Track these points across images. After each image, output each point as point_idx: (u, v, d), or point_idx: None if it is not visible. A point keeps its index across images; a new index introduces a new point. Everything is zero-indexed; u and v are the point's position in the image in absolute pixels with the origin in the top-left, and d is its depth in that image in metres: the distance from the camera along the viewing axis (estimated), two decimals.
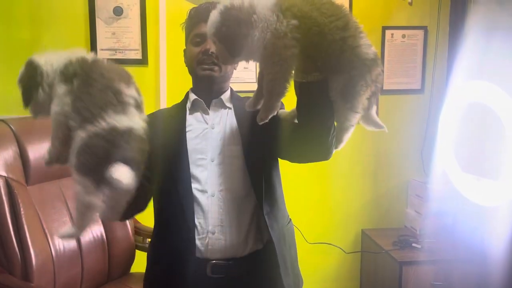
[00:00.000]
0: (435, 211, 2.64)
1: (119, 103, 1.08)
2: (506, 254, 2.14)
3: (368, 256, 2.77)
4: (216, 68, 1.44)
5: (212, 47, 1.40)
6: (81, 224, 1.12)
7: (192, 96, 1.51)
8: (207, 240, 1.40)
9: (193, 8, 1.51)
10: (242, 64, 1.29)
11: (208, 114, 1.50)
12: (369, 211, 2.88)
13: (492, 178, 2.15)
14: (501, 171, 2.08)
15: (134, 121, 1.09)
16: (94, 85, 1.08)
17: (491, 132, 2.15)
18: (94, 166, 1.04)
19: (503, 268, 2.15)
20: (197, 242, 1.40)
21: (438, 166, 2.57)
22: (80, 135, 1.05)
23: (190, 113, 1.51)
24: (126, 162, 1.07)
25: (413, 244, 2.52)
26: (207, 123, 1.48)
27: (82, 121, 1.05)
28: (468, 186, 2.33)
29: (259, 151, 1.44)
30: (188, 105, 1.52)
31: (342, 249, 2.72)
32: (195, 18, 1.47)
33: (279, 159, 1.52)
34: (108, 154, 1.04)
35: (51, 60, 1.12)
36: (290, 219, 1.61)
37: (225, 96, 1.53)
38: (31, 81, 1.11)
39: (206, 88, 1.50)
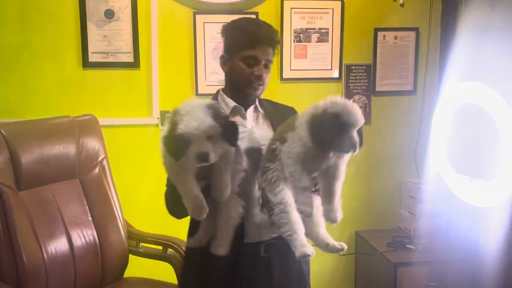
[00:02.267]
0: (428, 212, 2.64)
1: None
2: (500, 254, 2.15)
3: (362, 257, 2.77)
4: (261, 88, 1.57)
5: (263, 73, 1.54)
6: None
7: (231, 102, 1.59)
8: (255, 219, 1.52)
9: (243, 23, 1.55)
10: None
11: (246, 119, 1.60)
12: (363, 212, 2.87)
13: (485, 179, 2.15)
14: (495, 172, 2.08)
15: None
16: None
17: (484, 133, 2.16)
18: None
19: (497, 269, 2.16)
20: (248, 227, 1.53)
21: (431, 167, 2.57)
22: None
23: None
24: None
25: (407, 245, 2.52)
26: (246, 127, 1.58)
27: None
28: (461, 187, 2.33)
29: None
30: (227, 110, 1.58)
31: None
32: (251, 38, 1.50)
33: None
34: None
35: None
36: None
37: (256, 102, 1.65)
38: None
39: (247, 99, 1.61)
